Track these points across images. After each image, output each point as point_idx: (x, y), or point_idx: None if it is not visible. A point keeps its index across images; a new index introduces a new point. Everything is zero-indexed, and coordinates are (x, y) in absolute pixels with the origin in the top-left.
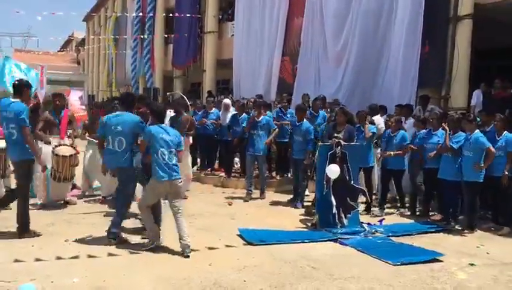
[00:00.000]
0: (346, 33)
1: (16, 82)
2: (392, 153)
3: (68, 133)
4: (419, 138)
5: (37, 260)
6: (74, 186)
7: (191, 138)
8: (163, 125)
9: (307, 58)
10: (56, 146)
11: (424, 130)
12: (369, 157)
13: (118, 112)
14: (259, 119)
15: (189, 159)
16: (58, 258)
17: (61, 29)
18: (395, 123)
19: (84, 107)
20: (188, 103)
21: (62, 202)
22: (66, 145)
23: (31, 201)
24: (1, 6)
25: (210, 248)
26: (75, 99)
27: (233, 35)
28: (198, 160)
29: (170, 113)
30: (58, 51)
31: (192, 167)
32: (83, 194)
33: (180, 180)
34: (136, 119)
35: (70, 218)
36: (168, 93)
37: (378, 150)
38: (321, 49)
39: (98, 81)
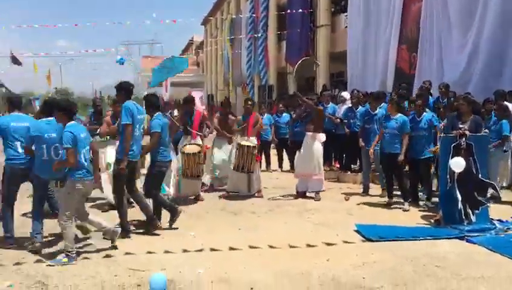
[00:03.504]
0: (477, 14)
1: None
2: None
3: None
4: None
5: (167, 252)
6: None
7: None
8: (74, 122)
9: (427, 45)
10: (185, 145)
11: None
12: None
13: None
14: (375, 112)
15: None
16: (185, 251)
17: (182, 35)
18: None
19: (204, 106)
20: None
21: (193, 197)
22: (196, 144)
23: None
24: (130, 18)
25: (328, 244)
26: (196, 100)
27: (346, 27)
28: None
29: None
30: (180, 55)
31: None
32: (212, 188)
33: None
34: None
35: (196, 212)
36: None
37: None
38: (444, 33)
39: (216, 81)
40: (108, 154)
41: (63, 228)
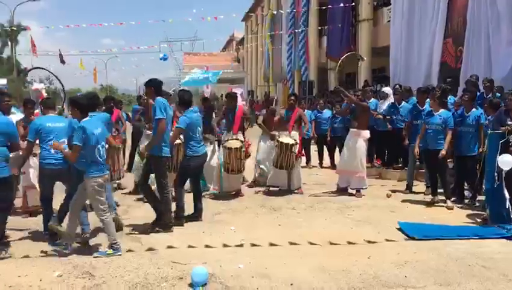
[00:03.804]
0: None
1: None
2: None
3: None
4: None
5: (207, 246)
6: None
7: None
8: (89, 119)
9: (474, 38)
10: (227, 140)
11: None
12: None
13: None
14: (424, 107)
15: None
16: (225, 245)
17: (223, 31)
18: None
19: (244, 102)
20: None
21: (233, 192)
22: (237, 139)
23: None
24: (172, 16)
25: (369, 241)
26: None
27: (389, 21)
28: None
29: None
30: (221, 51)
31: None
32: (254, 183)
33: None
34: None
35: (237, 208)
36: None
37: None
38: (492, 26)
39: (256, 77)
40: None
41: (103, 222)
